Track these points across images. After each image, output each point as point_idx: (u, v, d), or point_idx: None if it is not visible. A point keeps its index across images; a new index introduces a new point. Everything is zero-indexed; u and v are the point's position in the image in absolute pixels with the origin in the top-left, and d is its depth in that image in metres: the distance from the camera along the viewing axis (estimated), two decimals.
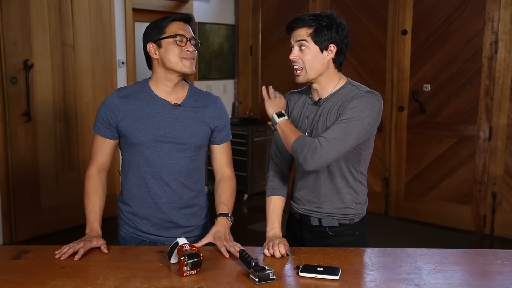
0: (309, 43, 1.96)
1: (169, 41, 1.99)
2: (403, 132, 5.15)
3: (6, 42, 4.12)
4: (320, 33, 1.96)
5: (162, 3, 5.33)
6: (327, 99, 2.03)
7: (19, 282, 1.64)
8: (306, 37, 1.97)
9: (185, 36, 2.00)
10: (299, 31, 1.98)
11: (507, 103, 4.54)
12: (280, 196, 2.12)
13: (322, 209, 2.06)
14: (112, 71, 4.89)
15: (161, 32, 2.00)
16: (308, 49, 1.97)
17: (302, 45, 1.97)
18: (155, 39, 2.01)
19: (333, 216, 2.06)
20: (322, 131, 1.97)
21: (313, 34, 1.96)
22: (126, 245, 2.11)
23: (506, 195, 4.62)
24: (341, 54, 2.01)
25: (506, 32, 4.49)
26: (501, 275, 1.74)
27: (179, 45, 1.99)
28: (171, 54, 1.99)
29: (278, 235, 2.02)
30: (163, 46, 2.00)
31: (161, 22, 2.02)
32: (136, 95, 2.05)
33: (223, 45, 6.05)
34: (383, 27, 5.15)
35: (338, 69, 2.04)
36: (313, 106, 2.06)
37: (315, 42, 1.96)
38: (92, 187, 2.06)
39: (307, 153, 1.86)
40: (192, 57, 2.01)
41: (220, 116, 2.12)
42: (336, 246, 2.02)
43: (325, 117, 2.00)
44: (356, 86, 2.03)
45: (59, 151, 4.57)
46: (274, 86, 2.17)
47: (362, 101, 1.92)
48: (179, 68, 2.01)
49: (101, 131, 2.06)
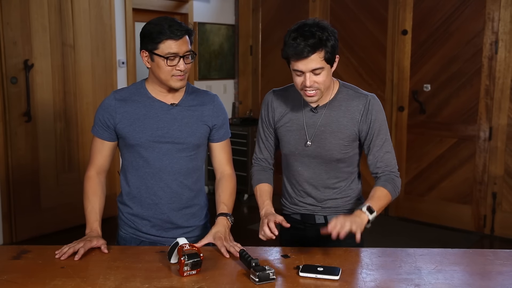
0: (324, 66, 1.89)
1: (161, 59, 1.94)
2: (403, 132, 5.15)
3: (6, 42, 4.12)
4: (329, 51, 1.88)
5: (162, 3, 5.33)
6: (327, 107, 2.03)
7: (19, 282, 1.64)
8: (320, 63, 1.87)
9: (178, 54, 1.94)
10: (311, 58, 1.86)
11: (507, 103, 4.54)
12: (266, 183, 2.16)
13: (326, 207, 2.09)
14: (112, 71, 4.89)
15: (154, 46, 1.93)
16: (324, 71, 1.90)
17: (318, 72, 1.89)
18: (148, 49, 1.96)
19: (339, 212, 2.07)
20: (331, 142, 2.01)
21: (326, 56, 1.88)
22: (126, 245, 2.11)
23: (506, 195, 4.62)
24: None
25: (506, 32, 4.49)
26: (501, 275, 1.74)
27: (170, 65, 1.94)
28: (161, 72, 1.96)
29: (270, 211, 2.03)
30: (155, 61, 1.96)
31: (156, 34, 1.92)
32: (133, 97, 2.05)
33: (223, 45, 6.05)
34: (383, 27, 5.14)
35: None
36: (310, 112, 2.05)
37: (328, 62, 1.90)
38: (91, 188, 2.06)
39: (399, 186, 2.04)
40: (183, 75, 1.98)
41: (218, 114, 2.12)
42: (342, 244, 2.02)
43: (333, 127, 2.01)
44: (351, 88, 2.06)
45: (59, 151, 4.57)
46: (274, 86, 2.17)
47: (380, 111, 2.03)
48: (169, 84, 1.99)
49: (99, 133, 2.06)
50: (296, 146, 2.07)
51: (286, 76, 5.70)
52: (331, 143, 2.02)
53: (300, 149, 2.07)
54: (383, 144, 2.02)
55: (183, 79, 2.00)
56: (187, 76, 2.04)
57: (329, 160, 2.04)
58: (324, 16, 5.43)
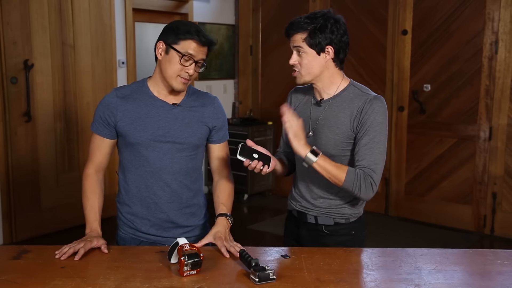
0: (305, 48, 1.97)
1: (176, 55, 1.95)
2: (403, 132, 5.16)
3: (6, 42, 4.12)
4: (314, 37, 1.95)
5: (162, 3, 5.33)
6: (330, 101, 2.04)
7: (19, 282, 1.64)
8: (301, 43, 1.97)
9: (194, 58, 1.96)
10: (295, 37, 1.98)
11: (507, 103, 4.54)
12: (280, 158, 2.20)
13: (318, 207, 2.08)
14: (112, 71, 4.89)
15: (176, 41, 1.94)
16: (305, 54, 1.98)
17: (299, 51, 1.98)
18: (168, 42, 1.96)
19: (329, 215, 2.07)
20: (327, 136, 2.01)
21: (307, 39, 1.96)
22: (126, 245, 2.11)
23: (506, 195, 4.62)
24: (341, 52, 2.01)
25: (506, 32, 4.49)
26: (501, 275, 1.74)
27: (182, 64, 1.96)
28: (170, 67, 1.96)
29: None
30: (169, 55, 1.96)
31: (183, 32, 1.94)
32: (135, 95, 2.05)
33: (223, 45, 6.05)
34: (383, 27, 5.15)
35: (340, 67, 2.05)
36: (315, 106, 2.08)
37: (310, 46, 1.96)
38: (90, 186, 2.06)
39: (366, 188, 1.93)
40: (188, 78, 1.99)
41: (218, 116, 2.13)
42: (331, 245, 2.04)
43: (331, 122, 2.02)
44: (359, 88, 2.05)
45: (59, 151, 4.57)
46: (274, 86, 2.18)
47: (378, 112, 1.97)
48: (171, 83, 1.99)
49: (99, 130, 2.06)
50: None
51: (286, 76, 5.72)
52: (327, 137, 2.03)
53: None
54: (369, 144, 1.95)
55: (187, 83, 2.00)
56: (189, 83, 2.04)
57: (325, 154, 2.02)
58: None
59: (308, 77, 2.01)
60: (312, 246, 2.07)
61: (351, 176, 1.92)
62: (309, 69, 1.99)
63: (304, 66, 1.99)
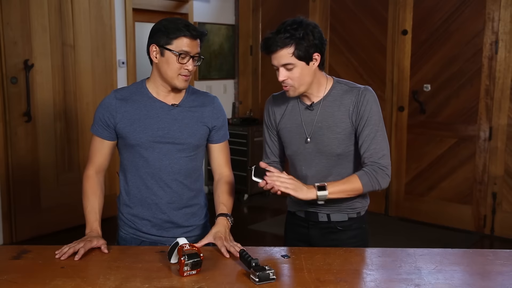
0: (295, 62, 1.94)
1: (172, 55, 1.95)
2: (403, 132, 5.15)
3: (6, 42, 4.12)
4: (301, 48, 1.92)
5: (162, 3, 5.33)
6: (321, 103, 2.05)
7: (19, 282, 1.64)
8: (289, 58, 1.93)
9: (190, 54, 1.96)
10: (280, 53, 1.92)
11: (507, 103, 4.54)
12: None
13: (331, 206, 2.08)
14: (112, 71, 4.89)
15: (168, 41, 1.94)
16: (295, 68, 1.95)
17: (288, 67, 1.95)
18: (160, 44, 1.96)
19: (342, 211, 2.09)
20: (329, 137, 2.02)
21: (295, 52, 1.92)
22: (126, 245, 2.11)
23: (506, 195, 4.62)
24: (324, 55, 2.01)
25: (507, 32, 4.49)
26: (501, 275, 1.74)
27: (180, 63, 1.96)
28: (170, 68, 1.97)
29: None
30: (165, 57, 1.96)
31: (173, 31, 1.94)
32: (134, 96, 2.05)
33: (223, 45, 6.05)
34: (383, 27, 5.15)
35: (322, 69, 2.05)
36: (306, 110, 2.08)
37: (299, 59, 1.93)
38: (90, 187, 2.06)
39: (383, 178, 1.98)
40: (189, 74, 1.99)
41: (218, 116, 2.13)
42: (344, 240, 2.07)
43: (329, 122, 2.03)
44: (345, 84, 2.08)
45: (59, 151, 4.57)
46: (274, 86, 2.18)
47: (373, 101, 2.01)
48: (173, 83, 2.00)
49: (99, 132, 2.06)
50: (297, 145, 2.09)
51: None
52: (328, 138, 2.04)
53: (301, 148, 2.08)
54: (372, 134, 2.00)
55: (188, 80, 2.01)
56: (189, 79, 2.05)
57: (330, 155, 2.05)
58: (324, 16, 5.44)
59: (302, 88, 2.00)
60: (324, 244, 2.09)
61: (365, 179, 1.96)
62: (301, 80, 1.98)
63: (296, 79, 1.96)
